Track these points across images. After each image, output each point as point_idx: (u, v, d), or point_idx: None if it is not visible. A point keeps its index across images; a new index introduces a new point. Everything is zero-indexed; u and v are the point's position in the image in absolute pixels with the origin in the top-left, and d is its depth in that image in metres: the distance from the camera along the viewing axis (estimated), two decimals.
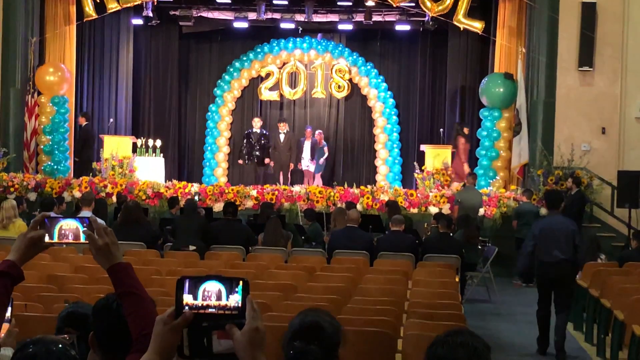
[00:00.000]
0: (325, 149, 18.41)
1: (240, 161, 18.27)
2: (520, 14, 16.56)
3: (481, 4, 17.19)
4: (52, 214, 2.64)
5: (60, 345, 2.51)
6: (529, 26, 16.15)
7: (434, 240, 11.00)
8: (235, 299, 1.92)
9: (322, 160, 18.26)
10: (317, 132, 18.54)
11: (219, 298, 1.92)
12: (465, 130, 16.97)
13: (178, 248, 10.41)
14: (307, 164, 18.18)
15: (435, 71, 19.45)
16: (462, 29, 16.61)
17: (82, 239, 2.60)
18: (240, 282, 1.93)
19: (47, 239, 2.58)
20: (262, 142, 18.00)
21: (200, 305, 1.92)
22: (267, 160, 17.98)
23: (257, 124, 18.18)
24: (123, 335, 2.50)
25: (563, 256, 8.79)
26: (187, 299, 1.92)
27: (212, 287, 1.93)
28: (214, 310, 1.92)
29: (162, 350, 1.94)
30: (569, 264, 8.86)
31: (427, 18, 17.28)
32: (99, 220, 2.69)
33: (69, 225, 2.59)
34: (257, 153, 17.93)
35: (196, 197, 16.34)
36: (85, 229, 2.59)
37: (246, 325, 1.90)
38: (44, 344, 2.51)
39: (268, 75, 19.60)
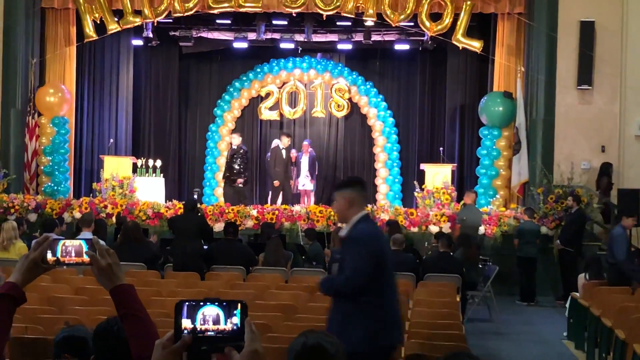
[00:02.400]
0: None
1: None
2: (519, 33, 16.63)
3: (480, 23, 17.25)
4: (54, 236, 2.63)
5: None
6: (527, 45, 16.22)
7: (435, 259, 10.99)
8: (233, 322, 1.93)
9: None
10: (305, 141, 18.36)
11: (217, 322, 1.93)
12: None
13: (178, 250, 10.44)
14: (304, 182, 17.83)
15: (434, 90, 19.50)
16: (461, 48, 16.66)
17: (84, 258, 2.58)
18: (239, 305, 1.94)
19: (49, 256, 2.56)
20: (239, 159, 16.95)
21: (199, 329, 1.92)
22: (239, 180, 16.86)
23: (236, 140, 17.22)
24: (124, 358, 2.50)
25: None
26: (186, 323, 1.93)
27: (210, 310, 1.93)
28: (212, 333, 1.92)
29: None
30: None
31: (426, 37, 17.34)
32: (101, 242, 2.69)
33: (72, 243, 2.57)
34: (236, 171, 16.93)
35: (195, 195, 16.28)
36: (87, 249, 2.58)
37: (245, 348, 1.90)
38: None
39: (268, 95, 19.64)
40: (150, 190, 16.83)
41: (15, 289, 2.53)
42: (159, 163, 17.49)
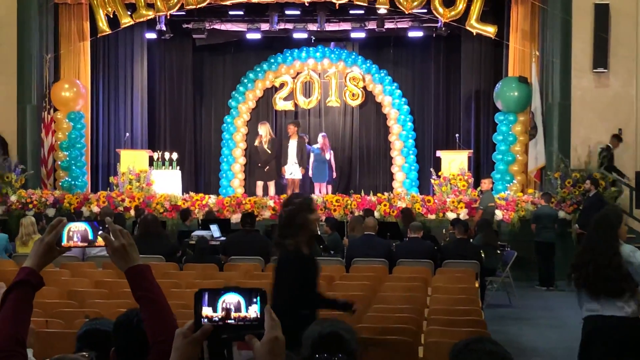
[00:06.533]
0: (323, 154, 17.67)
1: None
2: (533, 17, 16.52)
3: (493, 9, 17.16)
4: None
5: None
6: (542, 29, 16.11)
7: (453, 246, 10.97)
8: (254, 310, 1.93)
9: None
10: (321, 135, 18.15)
11: (237, 309, 1.93)
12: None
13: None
14: (291, 170, 17.15)
15: (449, 76, 19.43)
16: (475, 33, 16.57)
17: (92, 241, 2.58)
18: (259, 293, 1.94)
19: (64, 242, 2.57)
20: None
21: (219, 317, 1.92)
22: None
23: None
24: (144, 350, 2.50)
25: None
26: (206, 311, 1.93)
27: (230, 298, 1.93)
28: (233, 321, 1.92)
29: None
30: None
31: (439, 24, 17.27)
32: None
33: (77, 227, 2.58)
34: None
35: (211, 201, 15.94)
36: (99, 230, 2.57)
37: (265, 336, 1.90)
38: None
39: (282, 85, 19.64)
40: (167, 183, 16.89)
41: (33, 274, 2.54)
42: (175, 155, 17.54)
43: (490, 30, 16.37)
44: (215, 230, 12.78)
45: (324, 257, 11.23)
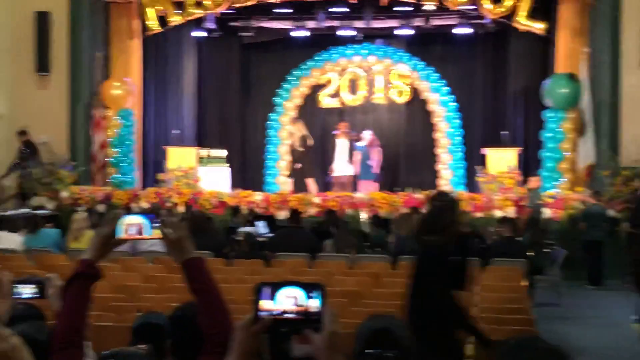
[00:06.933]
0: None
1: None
2: (582, 14, 16.29)
3: (542, 5, 16.97)
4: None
5: (137, 359, 2.58)
6: (591, 26, 15.90)
7: (500, 244, 10.90)
8: (313, 304, 1.93)
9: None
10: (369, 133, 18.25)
11: (297, 303, 1.93)
12: None
13: None
14: (342, 168, 17.60)
15: (496, 73, 19.28)
16: (523, 30, 16.42)
17: (148, 234, 2.62)
18: (319, 287, 1.95)
19: (121, 234, 2.62)
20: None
21: (278, 310, 1.93)
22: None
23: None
24: (199, 343, 2.55)
25: None
26: (266, 304, 1.94)
27: (290, 292, 1.94)
28: (292, 315, 1.93)
29: (242, 356, 1.96)
30: None
31: (487, 20, 17.14)
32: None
33: (133, 220, 2.62)
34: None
35: (258, 198, 16.11)
36: (155, 223, 2.61)
37: (324, 330, 1.91)
38: (121, 358, 2.59)
39: (328, 82, 19.67)
40: (215, 180, 17.04)
41: (91, 266, 2.60)
42: (223, 152, 17.69)
43: (539, 26, 16.21)
44: (261, 226, 12.88)
45: (369, 255, 11.28)
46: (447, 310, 4.95)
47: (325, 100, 19.65)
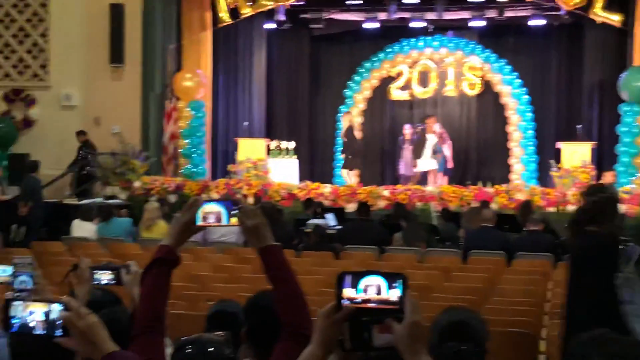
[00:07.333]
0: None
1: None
2: None
3: None
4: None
5: (216, 346, 2.58)
6: None
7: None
8: (395, 294, 1.92)
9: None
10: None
11: (379, 292, 1.92)
12: None
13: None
14: (426, 162, 17.52)
15: (571, 66, 18.88)
16: (599, 22, 16.04)
17: (225, 222, 2.63)
18: (401, 277, 1.94)
19: (199, 222, 2.63)
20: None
21: (360, 299, 1.92)
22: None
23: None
24: (275, 331, 2.54)
25: None
26: (348, 293, 1.93)
27: (372, 281, 1.93)
28: (374, 304, 1.92)
29: (324, 344, 1.96)
30: None
31: (562, 12, 16.80)
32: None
33: (211, 208, 2.63)
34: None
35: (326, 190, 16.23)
36: (233, 211, 2.62)
37: (406, 319, 1.90)
38: (200, 344, 2.60)
39: (398, 75, 19.55)
40: (284, 171, 17.11)
41: (170, 252, 2.61)
42: (292, 145, 17.75)
43: (615, 18, 15.82)
44: (330, 218, 12.88)
45: (439, 249, 11.18)
46: (612, 295, 5.05)
47: (396, 93, 19.54)
